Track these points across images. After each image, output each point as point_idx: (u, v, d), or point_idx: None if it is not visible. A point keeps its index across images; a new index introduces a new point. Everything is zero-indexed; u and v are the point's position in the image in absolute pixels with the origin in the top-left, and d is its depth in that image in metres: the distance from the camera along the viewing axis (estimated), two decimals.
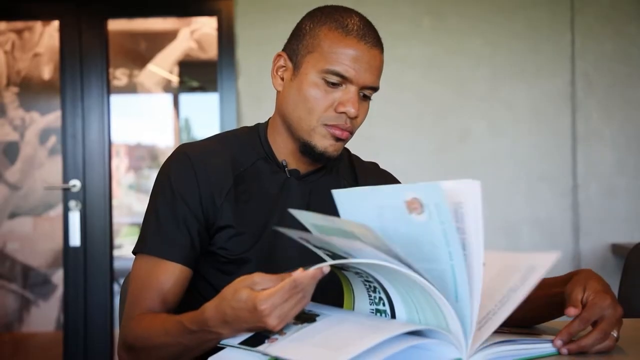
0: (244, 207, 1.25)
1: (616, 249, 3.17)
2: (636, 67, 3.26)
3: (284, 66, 1.27)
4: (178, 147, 1.29)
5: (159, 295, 1.17)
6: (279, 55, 1.28)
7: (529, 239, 3.24)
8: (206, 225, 1.23)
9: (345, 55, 1.20)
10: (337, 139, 1.23)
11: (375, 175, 1.43)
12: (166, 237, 1.20)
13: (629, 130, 3.25)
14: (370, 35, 1.22)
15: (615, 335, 0.98)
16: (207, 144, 1.29)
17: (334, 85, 1.21)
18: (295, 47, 1.26)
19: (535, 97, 3.26)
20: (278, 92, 1.29)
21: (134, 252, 1.23)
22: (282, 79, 1.27)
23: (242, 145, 1.30)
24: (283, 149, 1.29)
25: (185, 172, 1.23)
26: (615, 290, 1.61)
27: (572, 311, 0.98)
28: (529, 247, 3.23)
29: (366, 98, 1.25)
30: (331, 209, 1.33)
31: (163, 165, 1.27)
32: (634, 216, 3.24)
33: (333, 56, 1.20)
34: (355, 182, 1.39)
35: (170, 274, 1.19)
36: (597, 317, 0.98)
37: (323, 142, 1.23)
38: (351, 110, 1.20)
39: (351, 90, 1.21)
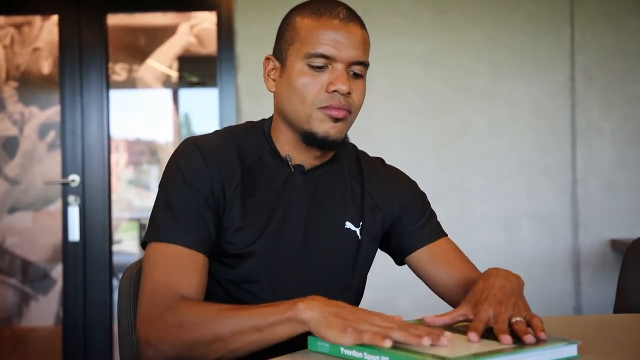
0: (250, 202, 1.25)
1: (616, 244, 3.17)
2: (636, 61, 3.26)
3: (274, 68, 1.30)
4: (186, 140, 1.28)
5: (189, 282, 1.15)
6: (267, 59, 1.31)
7: (528, 234, 3.24)
8: (216, 216, 1.23)
9: (323, 36, 1.22)
10: (336, 120, 1.23)
11: (382, 173, 1.42)
12: (185, 225, 1.18)
13: (629, 125, 3.25)
14: (343, 13, 1.24)
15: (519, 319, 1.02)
16: (213, 137, 1.29)
17: (320, 68, 1.22)
18: (279, 46, 1.29)
19: (535, 92, 3.26)
20: (273, 93, 1.30)
21: (146, 241, 1.20)
22: (274, 80, 1.30)
23: (248, 140, 1.31)
24: (286, 146, 1.30)
25: (197, 163, 1.22)
26: (614, 285, 1.62)
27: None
28: (528, 242, 3.24)
29: (358, 77, 1.26)
30: (335, 204, 1.32)
31: (172, 157, 1.26)
32: (634, 211, 3.24)
33: (312, 40, 1.22)
34: (360, 177, 1.38)
35: (193, 263, 1.17)
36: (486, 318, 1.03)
37: (322, 127, 1.23)
38: (342, 87, 1.21)
39: (338, 68, 1.22)
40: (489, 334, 0.99)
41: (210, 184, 1.22)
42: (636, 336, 1.09)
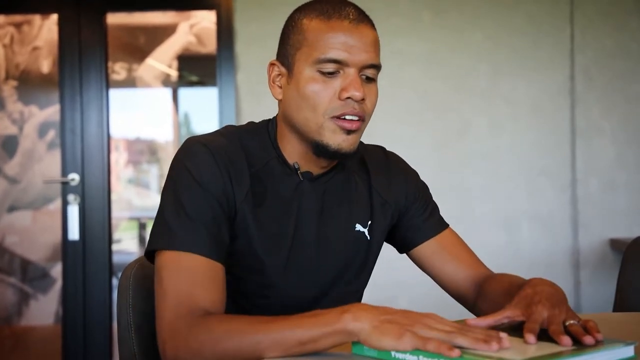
0: (259, 211, 1.20)
1: (615, 243, 3.17)
2: (636, 61, 3.26)
3: (279, 74, 1.22)
4: (190, 140, 1.20)
5: (212, 294, 1.09)
6: (271, 65, 1.24)
7: (528, 234, 3.24)
8: (228, 221, 1.17)
9: (333, 40, 1.15)
10: (349, 132, 1.17)
11: (386, 166, 1.39)
12: (202, 232, 1.11)
13: (629, 125, 3.26)
14: (352, 13, 1.18)
15: (576, 322, 1.00)
16: (218, 137, 1.21)
17: (331, 74, 1.15)
18: (284, 50, 1.21)
19: (535, 92, 3.26)
20: (279, 101, 1.24)
21: (159, 248, 1.12)
22: (280, 87, 1.22)
23: (253, 143, 1.24)
24: (293, 153, 1.23)
25: (207, 163, 1.16)
26: (614, 284, 1.62)
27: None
28: (528, 242, 3.24)
29: (370, 80, 1.19)
30: (343, 208, 1.30)
31: (178, 158, 1.18)
32: (634, 211, 3.24)
33: (321, 44, 1.15)
34: (366, 174, 1.35)
35: (214, 273, 1.10)
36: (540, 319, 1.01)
37: (335, 139, 1.16)
38: (355, 93, 1.14)
39: (350, 73, 1.15)
40: (541, 336, 0.97)
41: (223, 186, 1.15)
42: (635, 334, 1.09)
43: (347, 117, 1.16)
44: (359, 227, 1.31)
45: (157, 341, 1.09)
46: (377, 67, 1.19)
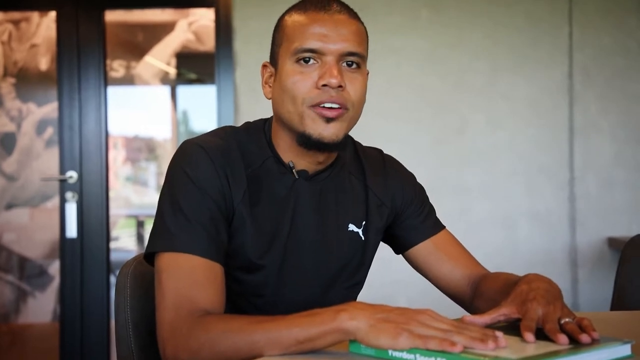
0: (256, 211, 1.20)
1: (613, 241, 3.17)
2: (634, 59, 3.26)
3: (271, 74, 1.25)
4: (187, 142, 1.21)
5: (211, 295, 1.09)
6: (263, 66, 1.27)
7: (526, 231, 3.24)
8: (226, 222, 1.17)
9: (308, 31, 1.17)
10: (328, 120, 1.17)
11: (382, 167, 1.39)
12: (201, 234, 1.12)
13: (627, 122, 3.26)
14: (330, 5, 1.20)
15: (571, 319, 1.00)
16: (215, 139, 1.22)
17: (307, 62, 1.17)
18: (272, 49, 1.25)
19: (533, 89, 3.26)
20: (271, 100, 1.26)
21: (159, 250, 1.13)
22: (271, 86, 1.25)
23: (249, 144, 1.25)
24: (288, 152, 1.24)
25: (205, 165, 1.16)
26: (611, 282, 1.62)
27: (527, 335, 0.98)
28: (526, 240, 3.24)
29: (354, 70, 1.19)
30: (338, 208, 1.30)
31: (175, 160, 1.19)
32: (631, 209, 3.24)
33: (298, 36, 1.17)
34: (362, 175, 1.35)
35: (213, 274, 1.11)
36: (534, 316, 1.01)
37: (315, 128, 1.17)
38: (332, 80, 1.15)
39: (327, 61, 1.16)
40: (537, 334, 0.97)
41: (220, 188, 1.16)
42: (633, 333, 1.09)
43: (326, 104, 1.17)
44: (352, 227, 1.31)
45: (157, 342, 1.09)
46: (358, 55, 1.19)
